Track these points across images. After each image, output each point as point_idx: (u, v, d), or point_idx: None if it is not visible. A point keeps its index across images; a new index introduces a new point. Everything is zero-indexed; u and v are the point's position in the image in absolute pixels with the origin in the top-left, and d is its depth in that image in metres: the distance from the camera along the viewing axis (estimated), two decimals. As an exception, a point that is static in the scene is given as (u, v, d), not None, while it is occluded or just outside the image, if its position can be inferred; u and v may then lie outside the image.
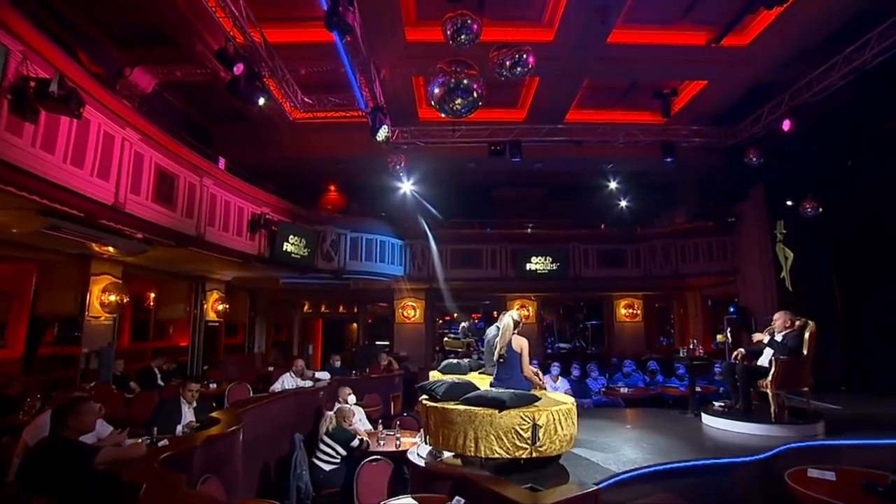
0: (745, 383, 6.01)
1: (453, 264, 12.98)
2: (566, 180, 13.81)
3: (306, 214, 10.72)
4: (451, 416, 4.19)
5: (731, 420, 5.83)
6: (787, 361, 5.78)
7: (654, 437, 5.52)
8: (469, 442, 4.07)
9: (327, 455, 5.48)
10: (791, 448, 4.99)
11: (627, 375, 9.59)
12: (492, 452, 4.02)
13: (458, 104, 6.96)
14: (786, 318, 6.13)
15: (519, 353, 5.03)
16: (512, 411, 4.05)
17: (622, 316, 14.30)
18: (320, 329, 16.43)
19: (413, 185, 12.51)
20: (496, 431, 4.02)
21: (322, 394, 7.42)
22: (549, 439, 4.06)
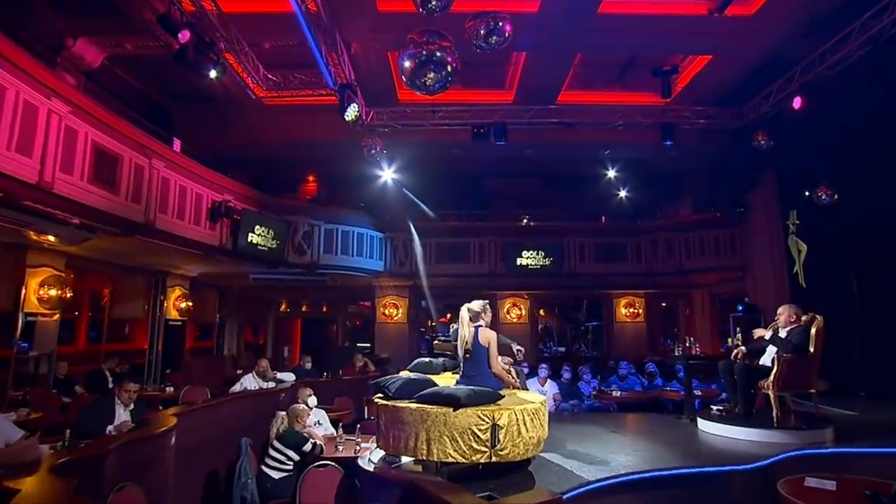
0: (745, 384, 5.76)
1: (438, 259, 12.79)
2: (562, 169, 13.60)
3: (275, 203, 10.52)
4: (401, 415, 3.98)
5: (729, 425, 5.58)
6: (791, 360, 5.53)
7: (641, 443, 5.32)
8: (421, 444, 3.85)
9: (277, 461, 5.25)
10: (793, 456, 4.78)
11: (623, 378, 9.37)
12: (445, 456, 3.79)
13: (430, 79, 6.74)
14: (791, 312, 5.90)
15: (486, 348, 4.79)
16: (468, 410, 3.82)
17: (622, 316, 14.07)
18: (298, 330, 16.24)
19: (395, 173, 12.31)
20: (450, 432, 3.79)
21: (284, 396, 7.21)
22: (511, 442, 3.84)
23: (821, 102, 8.77)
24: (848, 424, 6.39)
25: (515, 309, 14.13)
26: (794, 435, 5.24)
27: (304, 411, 5.53)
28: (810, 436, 5.26)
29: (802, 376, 5.64)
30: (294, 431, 5.33)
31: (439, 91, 7.06)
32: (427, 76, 6.63)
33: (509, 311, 14.14)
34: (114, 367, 8.45)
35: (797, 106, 8.74)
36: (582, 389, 9.15)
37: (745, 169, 11.47)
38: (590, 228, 13.12)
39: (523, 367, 9.56)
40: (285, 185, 13.66)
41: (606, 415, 7.85)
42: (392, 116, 10.40)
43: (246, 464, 5.15)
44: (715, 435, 5.62)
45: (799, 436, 5.24)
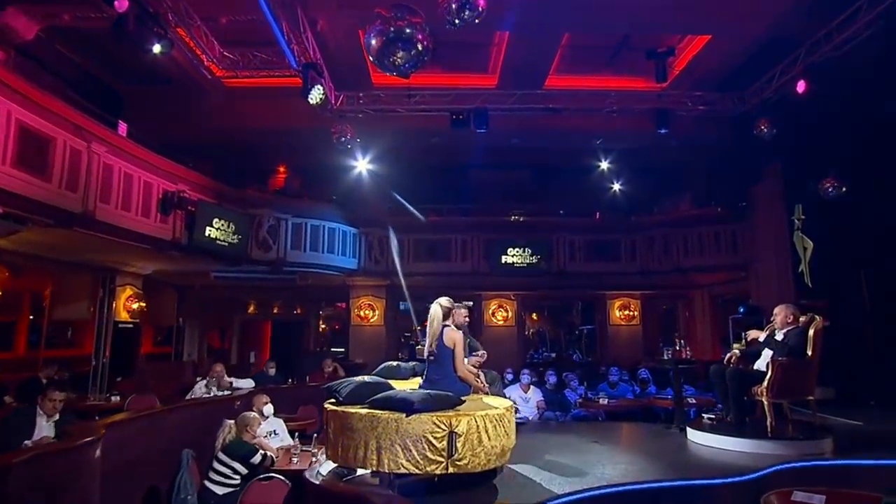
0: (737, 391, 5.69)
1: (417, 257, 12.70)
2: (552, 160, 13.57)
3: (236, 194, 10.38)
4: (350, 422, 3.89)
5: (720, 435, 5.51)
6: (786, 365, 5.45)
7: (624, 454, 5.26)
8: (370, 454, 3.76)
9: (222, 475, 5.10)
10: (786, 469, 4.72)
11: (613, 385, 9.29)
12: (397, 467, 3.70)
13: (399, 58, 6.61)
14: (788, 312, 5.84)
15: (451, 349, 4.72)
16: (423, 416, 3.74)
17: (616, 318, 14.05)
18: (268, 334, 16.08)
19: (370, 163, 12.19)
20: (402, 440, 3.70)
21: (239, 404, 7.05)
22: (470, 451, 3.76)
23: (828, 87, 8.75)
24: (850, 435, 6.35)
25: (501, 311, 14.07)
26: (788, 446, 5.18)
27: (255, 419, 5.38)
28: (806, 447, 5.21)
29: (799, 382, 5.57)
30: (242, 442, 5.18)
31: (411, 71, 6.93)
32: (396, 55, 6.50)
33: (495, 314, 14.07)
34: (52, 375, 8.24)
35: (801, 90, 8.71)
36: (569, 397, 9.08)
37: (748, 161, 11.44)
38: (581, 224, 13.07)
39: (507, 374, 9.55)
40: (254, 177, 13.50)
41: (591, 424, 7.79)
42: (364, 101, 10.28)
43: (186, 478, 5.00)
44: (704, 446, 5.56)
45: (794, 447, 5.18)
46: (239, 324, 14.74)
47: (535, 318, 19.13)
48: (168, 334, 13.40)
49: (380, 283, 13.42)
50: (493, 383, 6.61)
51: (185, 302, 13.43)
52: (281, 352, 15.01)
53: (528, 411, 8.39)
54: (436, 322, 4.84)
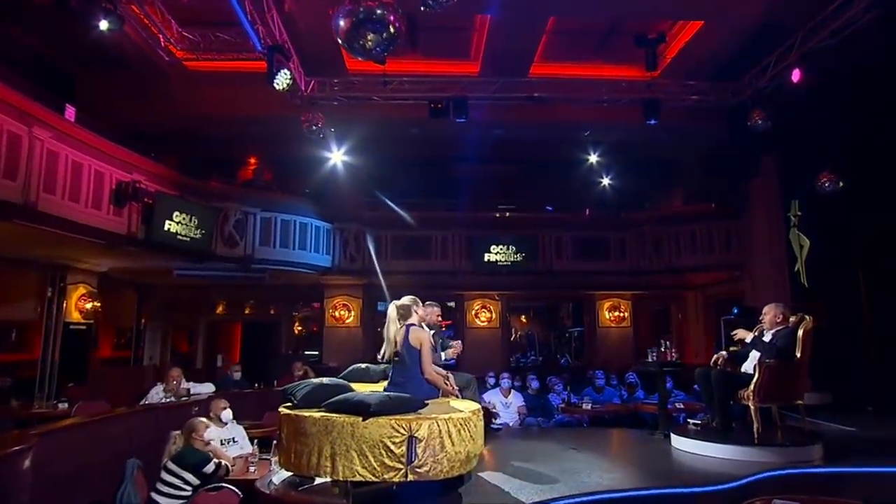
0: (722, 394, 5.69)
1: (394, 254, 12.63)
2: (538, 153, 13.55)
3: (200, 186, 10.23)
4: (304, 426, 3.85)
5: (704, 441, 5.53)
6: (773, 367, 5.45)
7: (602, 461, 5.25)
8: (324, 460, 3.71)
9: (171, 486, 4.95)
10: (771, 476, 4.72)
11: (600, 390, 9.31)
12: (352, 474, 3.65)
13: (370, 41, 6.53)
14: (777, 311, 5.85)
15: (418, 349, 4.66)
16: (381, 420, 3.69)
17: (606, 320, 14.08)
18: (238, 336, 15.93)
19: (345, 155, 12.09)
20: (358, 446, 3.65)
21: (197, 409, 6.95)
22: (432, 457, 3.71)
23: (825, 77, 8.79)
24: (842, 442, 6.40)
25: (485, 312, 14.05)
26: (775, 453, 5.19)
27: (201, 424, 5.25)
28: (795, 454, 5.22)
29: (788, 385, 5.57)
30: (193, 450, 5.06)
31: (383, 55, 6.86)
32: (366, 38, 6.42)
33: (478, 314, 14.04)
34: (-7, 382, 8.11)
35: (796, 79, 8.74)
36: (552, 402, 9.06)
37: (744, 155, 11.49)
38: (568, 221, 13.05)
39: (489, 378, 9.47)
40: (223, 169, 13.33)
41: (574, 430, 7.82)
42: (338, 88, 10.17)
43: (130, 490, 4.87)
44: (688, 452, 5.56)
45: (781, 454, 5.19)
46: (205, 325, 14.55)
47: (525, 320, 19.15)
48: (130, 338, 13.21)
49: (356, 281, 13.33)
50: (468, 386, 6.58)
51: (147, 302, 13.24)
52: (252, 355, 14.88)
53: (509, 417, 8.36)
54: (392, 324, 4.79)
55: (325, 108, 10.13)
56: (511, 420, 8.34)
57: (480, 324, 14.05)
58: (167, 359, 13.60)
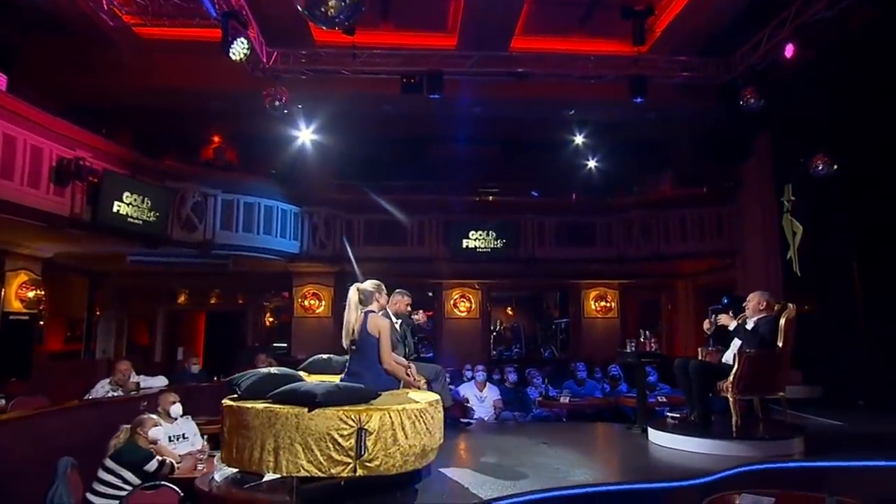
0: (701, 386, 5.73)
1: (367, 239, 12.63)
2: (520, 134, 13.57)
3: (153, 165, 10.07)
4: (246, 418, 3.81)
5: (681, 435, 5.55)
6: (753, 357, 5.50)
7: (572, 456, 5.27)
8: (267, 455, 3.68)
9: (109, 486, 4.90)
10: (747, 471, 4.76)
11: (581, 383, 9.38)
12: (296, 469, 3.63)
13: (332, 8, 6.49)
14: (760, 299, 5.91)
15: (376, 338, 4.64)
16: (328, 411, 3.66)
17: (592, 310, 14.19)
18: (202, 327, 15.82)
19: (314, 133, 12.01)
20: (303, 439, 3.63)
21: (146, 404, 6.90)
22: (383, 451, 3.70)
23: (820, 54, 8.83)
24: (826, 436, 6.49)
25: (464, 301, 14.10)
26: (754, 447, 5.25)
27: (148, 420, 5.21)
28: (774, 448, 5.28)
29: (768, 377, 5.64)
30: (134, 447, 5.00)
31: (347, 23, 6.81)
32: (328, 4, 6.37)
33: (457, 304, 14.09)
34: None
35: (789, 54, 8.77)
36: (531, 396, 9.11)
37: (736, 136, 11.56)
38: (552, 205, 13.12)
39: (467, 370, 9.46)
40: (185, 148, 13.19)
41: (550, 425, 7.86)
42: (304, 61, 10.04)
43: (62, 491, 4.78)
44: (664, 447, 5.60)
45: (760, 448, 5.25)
46: (165, 316, 14.43)
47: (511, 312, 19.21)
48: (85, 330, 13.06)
49: (327, 269, 13.26)
50: (437, 378, 6.58)
51: (99, 291, 13.11)
52: (217, 347, 14.81)
53: (484, 411, 8.41)
54: (353, 308, 4.77)
55: (290, 83, 10.00)
56: (486, 414, 8.38)
57: (460, 314, 14.09)
58: (122, 352, 13.47)
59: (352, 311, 4.77)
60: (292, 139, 12.10)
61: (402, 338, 6.67)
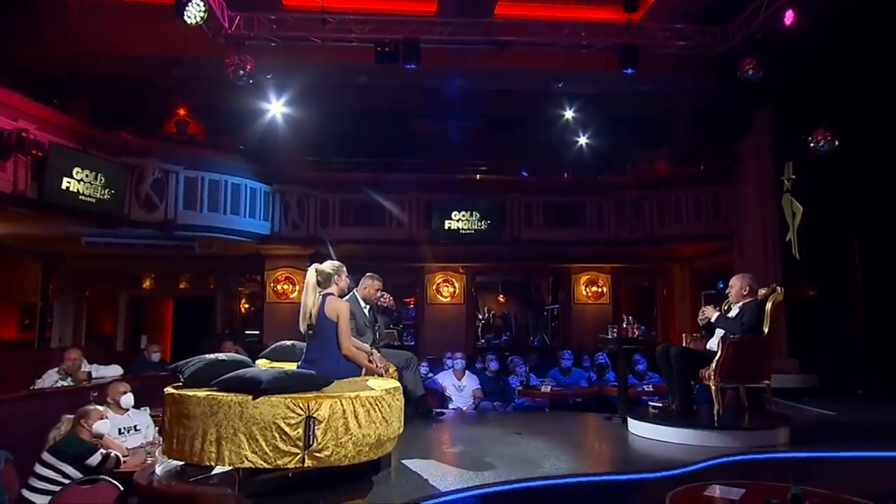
0: (682, 374, 5.76)
1: (343, 220, 12.63)
2: (506, 109, 13.52)
3: (107, 139, 9.95)
4: (187, 406, 3.80)
5: (660, 425, 5.60)
6: (738, 343, 5.52)
7: (545, 447, 5.29)
8: (209, 446, 3.67)
9: (47, 481, 4.85)
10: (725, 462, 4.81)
11: (566, 371, 9.43)
12: (240, 460, 3.62)
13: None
14: (743, 283, 5.92)
15: (335, 322, 4.66)
16: (274, 398, 3.66)
17: (583, 295, 14.25)
18: (170, 314, 15.77)
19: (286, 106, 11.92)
20: (247, 428, 3.62)
21: (96, 394, 6.87)
22: (334, 441, 3.70)
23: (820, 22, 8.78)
24: (813, 425, 6.59)
25: (447, 286, 14.14)
26: (735, 437, 5.30)
27: (94, 412, 5.15)
28: (756, 438, 5.34)
29: (752, 364, 5.65)
30: (76, 439, 4.95)
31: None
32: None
33: (440, 289, 14.14)
34: None
35: (789, 22, 8.74)
36: (513, 385, 9.15)
37: (736, 110, 11.55)
38: (539, 184, 13.17)
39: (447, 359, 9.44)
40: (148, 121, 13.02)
41: (526, 415, 7.94)
42: (271, 26, 9.90)
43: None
44: (643, 437, 5.66)
45: (742, 438, 5.31)
46: (127, 302, 14.35)
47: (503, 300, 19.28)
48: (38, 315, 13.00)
49: (301, 251, 13.22)
50: (408, 366, 6.63)
51: (54, 275, 13.03)
52: (186, 335, 14.75)
53: (463, 401, 8.45)
54: (311, 291, 4.78)
55: (256, 50, 9.86)
56: (465, 404, 8.43)
57: (443, 299, 14.13)
58: (82, 340, 13.42)
59: (309, 293, 4.78)
60: (262, 113, 12.03)
61: (372, 324, 6.70)
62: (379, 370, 5.10)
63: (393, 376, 6.46)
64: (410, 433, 5.82)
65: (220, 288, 14.96)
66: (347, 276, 5.13)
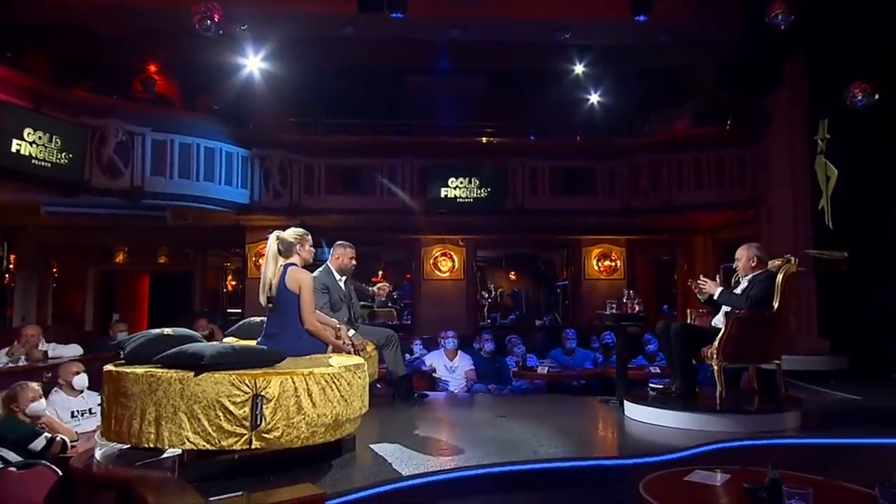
0: (682, 352, 5.77)
1: (329, 188, 12.63)
2: (511, 63, 13.41)
3: (62, 97, 9.89)
4: (125, 385, 3.86)
5: (658, 408, 5.65)
6: (744, 319, 5.53)
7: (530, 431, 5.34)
8: (147, 426, 3.75)
9: (-16, 466, 5.02)
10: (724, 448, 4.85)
11: (570, 352, 9.50)
12: (181, 441, 3.70)
13: None
14: (750, 253, 5.92)
15: (297, 294, 4.73)
16: (218, 374, 3.73)
17: (594, 270, 14.25)
18: (146, 290, 15.94)
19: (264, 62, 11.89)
20: (188, 407, 3.70)
21: (49, 375, 7.05)
22: (285, 421, 3.78)
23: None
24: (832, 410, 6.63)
25: (446, 260, 14.20)
26: (737, 421, 5.34)
27: (25, 392, 5.16)
28: (761, 423, 5.39)
29: (759, 342, 5.67)
30: (15, 423, 5.03)
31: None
32: None
33: (438, 263, 14.21)
34: None
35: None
36: (510, 366, 9.21)
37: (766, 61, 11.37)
38: (544, 147, 13.07)
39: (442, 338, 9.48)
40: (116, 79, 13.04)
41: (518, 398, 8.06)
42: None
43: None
44: (638, 421, 5.71)
45: (744, 422, 5.34)
46: (98, 277, 14.50)
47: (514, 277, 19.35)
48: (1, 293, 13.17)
49: (284, 222, 13.13)
50: (388, 344, 6.73)
51: (15, 249, 13.17)
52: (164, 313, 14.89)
53: (455, 383, 8.54)
54: (271, 260, 4.84)
55: (226, 0, 9.84)
56: (457, 386, 8.51)
57: (441, 274, 14.19)
58: (48, 319, 13.60)
59: (270, 263, 4.85)
60: (238, 69, 11.97)
61: (347, 297, 6.77)
62: (347, 348, 5.15)
63: (371, 355, 6.59)
64: (386, 416, 5.96)
65: (198, 263, 15.08)
66: (312, 246, 5.18)
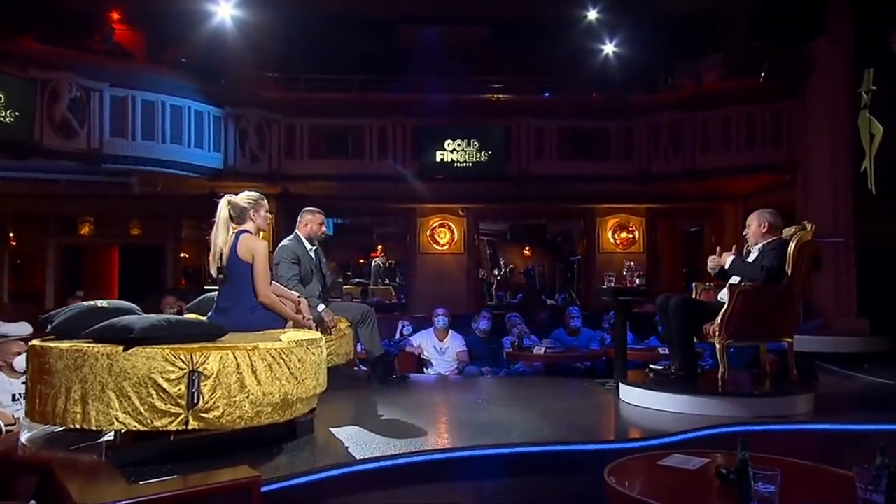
0: (682, 329, 5.84)
1: (314, 151, 12.68)
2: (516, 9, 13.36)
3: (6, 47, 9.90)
4: (49, 361, 3.94)
5: (655, 391, 5.73)
6: (750, 291, 5.58)
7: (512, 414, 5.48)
8: (72, 405, 3.81)
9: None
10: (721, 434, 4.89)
11: (574, 332, 9.59)
12: (109, 421, 3.77)
13: None
14: (762, 220, 6.01)
15: (250, 264, 4.81)
16: (149, 349, 3.79)
17: (610, 243, 14.30)
18: (115, 265, 16.11)
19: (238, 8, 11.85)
20: (117, 384, 3.75)
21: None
22: (226, 399, 3.86)
23: None
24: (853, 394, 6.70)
25: (444, 231, 14.31)
26: (738, 405, 5.41)
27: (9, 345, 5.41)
28: (767, 406, 5.45)
29: (768, 317, 5.75)
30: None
31: None
32: None
33: (435, 235, 14.33)
34: None
35: None
36: (506, 346, 9.30)
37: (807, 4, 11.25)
38: (551, 105, 13.09)
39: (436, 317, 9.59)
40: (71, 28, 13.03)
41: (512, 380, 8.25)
42: None
43: None
44: (632, 405, 5.81)
45: (746, 406, 5.41)
46: (58, 251, 14.67)
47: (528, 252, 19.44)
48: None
49: (265, 189, 13.23)
50: (364, 321, 6.82)
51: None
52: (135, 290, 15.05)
53: (445, 365, 8.69)
54: (222, 227, 4.89)
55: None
56: (447, 369, 8.65)
57: (439, 247, 14.30)
58: (4, 297, 13.82)
59: (220, 230, 4.89)
60: (208, 16, 11.92)
61: (317, 268, 6.85)
62: (308, 323, 5.24)
63: (345, 333, 6.69)
64: (359, 399, 6.08)
65: (170, 235, 15.19)
66: (267, 211, 5.25)
